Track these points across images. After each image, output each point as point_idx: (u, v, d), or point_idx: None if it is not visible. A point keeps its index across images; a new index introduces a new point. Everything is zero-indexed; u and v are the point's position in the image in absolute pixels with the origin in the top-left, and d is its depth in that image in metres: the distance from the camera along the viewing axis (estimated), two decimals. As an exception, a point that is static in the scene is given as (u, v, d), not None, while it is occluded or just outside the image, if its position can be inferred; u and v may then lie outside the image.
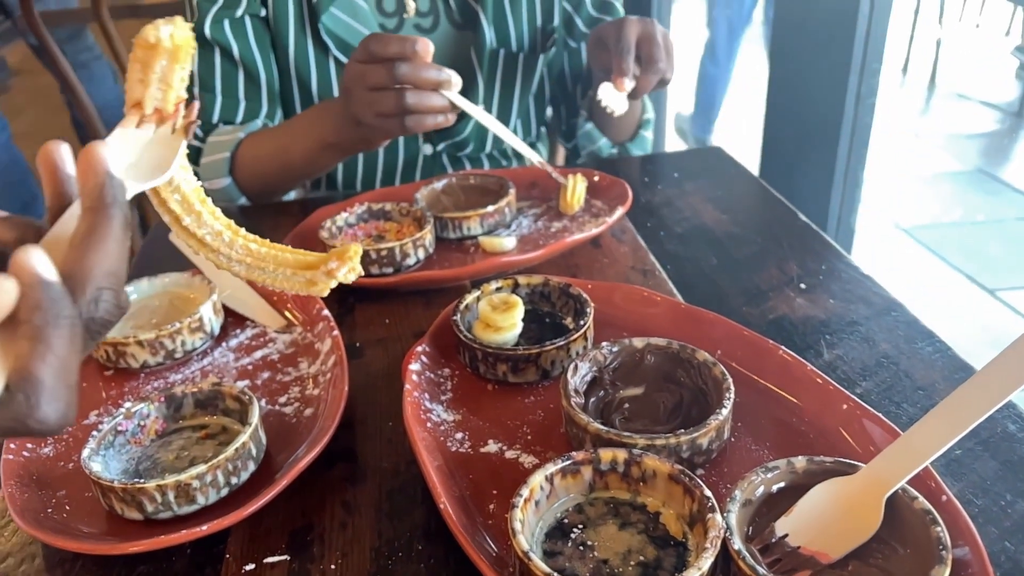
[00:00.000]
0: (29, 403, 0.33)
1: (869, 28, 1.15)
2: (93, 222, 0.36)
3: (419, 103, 0.82)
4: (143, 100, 0.44)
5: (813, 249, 0.88)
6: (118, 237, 0.37)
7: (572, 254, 0.88)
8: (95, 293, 0.36)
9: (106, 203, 0.37)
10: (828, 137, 1.24)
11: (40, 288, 0.33)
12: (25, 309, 0.34)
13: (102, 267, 0.36)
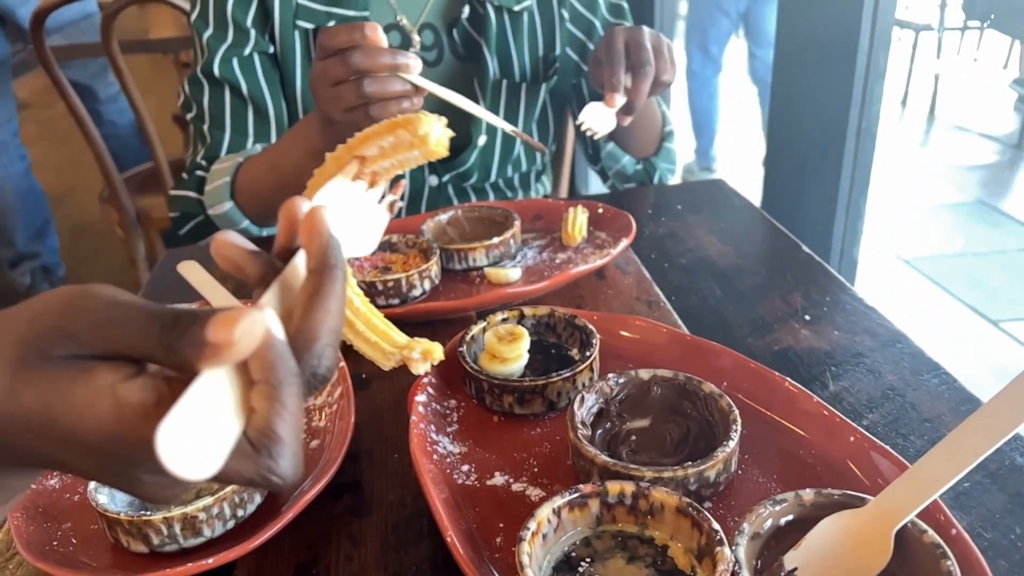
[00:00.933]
0: (272, 458, 0.35)
1: (869, 61, 1.17)
2: (319, 283, 0.38)
3: (378, 91, 0.80)
4: (368, 160, 0.47)
5: (817, 281, 0.89)
6: (339, 296, 0.39)
7: (577, 285, 0.89)
8: (320, 350, 0.37)
9: (330, 264, 0.39)
10: (830, 169, 1.25)
11: (272, 348, 0.35)
12: (259, 368, 0.35)
13: (326, 326, 0.38)
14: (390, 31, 1.10)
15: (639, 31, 0.94)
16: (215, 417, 0.33)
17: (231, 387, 0.35)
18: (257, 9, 1.06)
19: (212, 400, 0.33)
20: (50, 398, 0.33)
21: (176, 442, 0.31)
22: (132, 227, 2.03)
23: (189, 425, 0.32)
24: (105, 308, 0.34)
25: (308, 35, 1.07)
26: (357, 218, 0.47)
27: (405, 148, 0.47)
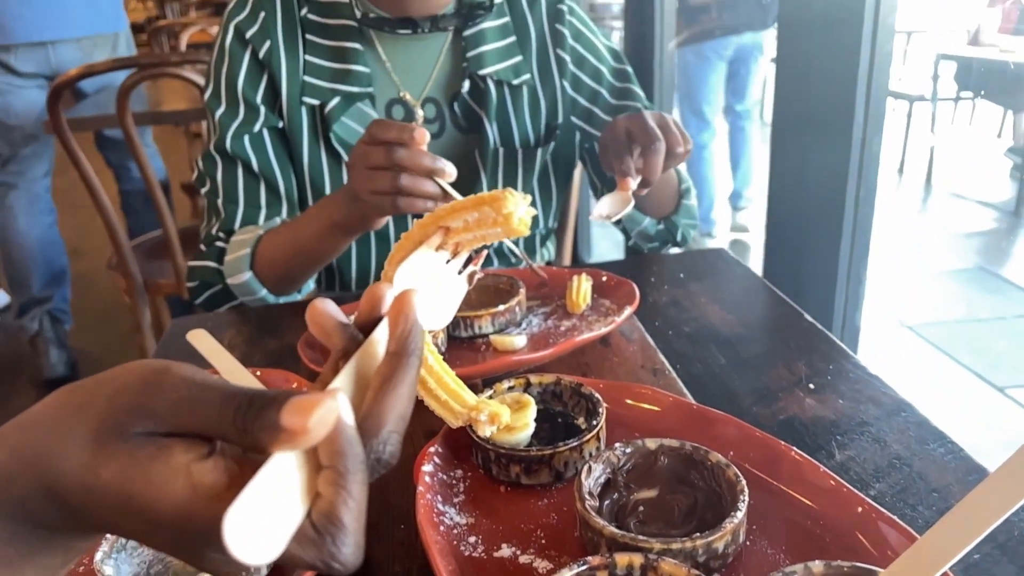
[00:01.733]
0: (335, 544, 0.35)
1: (865, 131, 1.20)
2: (395, 367, 0.39)
3: (411, 186, 0.87)
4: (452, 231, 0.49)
5: (820, 349, 0.89)
6: (412, 382, 0.40)
7: (582, 353, 0.90)
8: (386, 436, 0.38)
9: (409, 350, 0.40)
10: (830, 236, 1.27)
11: (342, 435, 0.35)
12: (328, 454, 0.35)
13: (396, 412, 0.38)
14: (394, 105, 1.14)
15: (640, 115, 0.97)
16: (281, 501, 0.34)
17: (299, 470, 0.35)
18: (266, 86, 1.10)
19: (280, 484, 0.34)
20: (129, 474, 0.34)
21: (242, 527, 0.32)
22: (139, 294, 2.05)
23: (256, 510, 0.32)
24: (183, 387, 0.35)
25: (314, 110, 1.10)
26: (438, 290, 0.49)
27: (489, 224, 0.48)
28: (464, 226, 0.49)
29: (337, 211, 0.98)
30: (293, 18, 1.10)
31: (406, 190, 0.87)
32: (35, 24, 2.48)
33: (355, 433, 0.36)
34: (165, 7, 8.66)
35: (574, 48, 1.19)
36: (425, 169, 0.87)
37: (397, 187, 0.87)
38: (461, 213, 0.49)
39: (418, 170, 0.87)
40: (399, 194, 0.88)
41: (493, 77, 1.13)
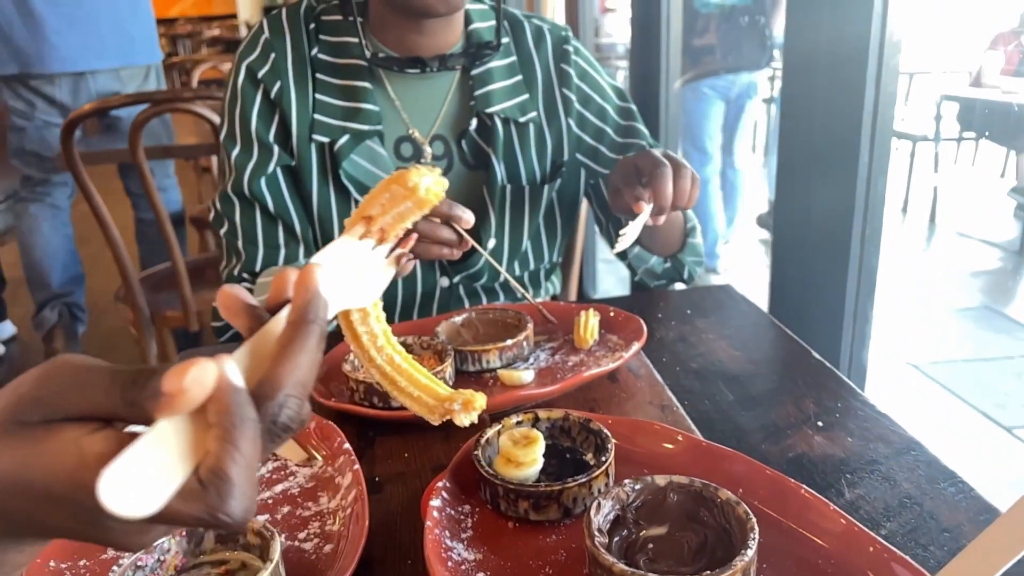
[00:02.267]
0: (219, 497, 0.37)
1: (870, 170, 1.21)
2: (293, 335, 0.41)
3: (427, 231, 0.88)
4: (374, 219, 0.50)
5: (828, 387, 0.89)
6: (311, 350, 0.41)
7: (590, 388, 0.90)
8: (282, 399, 0.39)
9: (308, 319, 0.41)
10: (836, 274, 1.27)
11: (228, 392, 0.37)
12: (214, 412, 0.37)
13: (292, 376, 0.40)
14: (402, 143, 1.15)
15: (648, 150, 0.98)
16: (164, 461, 0.36)
17: (187, 435, 0.37)
18: (278, 125, 1.12)
19: (165, 446, 0.36)
20: (24, 459, 0.37)
21: (120, 482, 0.34)
22: (146, 326, 2.06)
23: (136, 467, 0.34)
24: (73, 372, 0.38)
25: (324, 148, 1.11)
26: (358, 272, 0.50)
27: (400, 200, 0.50)
28: (382, 210, 0.50)
29: None
30: (303, 57, 1.12)
31: (422, 235, 0.89)
32: (72, 54, 2.63)
33: (244, 395, 0.38)
34: (177, 44, 8.82)
35: (580, 87, 1.21)
36: (442, 214, 0.89)
37: (415, 230, 0.88)
38: (376, 199, 0.50)
39: (435, 215, 0.88)
40: (417, 240, 0.90)
41: (500, 115, 1.15)
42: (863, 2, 1.11)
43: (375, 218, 0.50)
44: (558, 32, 1.22)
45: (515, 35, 1.20)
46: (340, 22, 1.13)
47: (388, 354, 0.53)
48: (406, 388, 0.53)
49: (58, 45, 2.62)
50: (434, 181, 0.49)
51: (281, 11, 1.15)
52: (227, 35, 8.62)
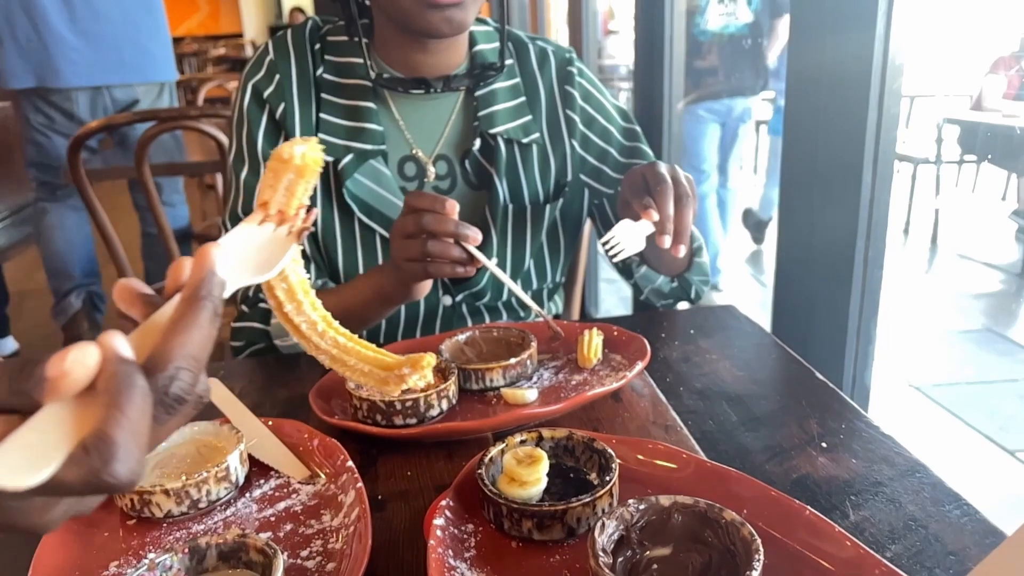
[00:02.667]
0: (102, 459, 0.37)
1: (873, 192, 1.21)
2: (184, 310, 0.42)
3: (438, 250, 0.92)
4: (269, 202, 0.51)
5: (832, 408, 0.89)
6: (203, 325, 0.42)
7: (593, 408, 0.89)
8: (173, 371, 0.41)
9: (200, 295, 0.43)
10: (839, 295, 1.28)
11: (115, 362, 0.39)
12: (102, 383, 0.39)
13: (183, 349, 0.41)
14: (406, 162, 1.16)
15: (654, 163, 0.99)
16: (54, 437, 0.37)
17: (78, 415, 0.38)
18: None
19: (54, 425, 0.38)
20: None
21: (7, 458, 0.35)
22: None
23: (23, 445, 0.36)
24: None
25: (328, 167, 1.12)
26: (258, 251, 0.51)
27: (283, 173, 0.51)
28: (270, 189, 0.51)
29: (383, 281, 1.03)
30: (308, 78, 1.13)
31: (434, 254, 0.92)
32: (89, 69, 2.76)
33: (133, 365, 0.39)
34: (184, 63, 8.90)
35: (583, 108, 1.22)
36: (450, 233, 0.92)
37: (426, 252, 0.92)
38: (264, 182, 0.52)
39: (444, 234, 0.92)
40: (428, 259, 0.93)
41: (503, 136, 1.16)
42: (865, 26, 1.12)
43: (269, 201, 0.51)
44: (562, 54, 1.23)
45: (519, 56, 1.21)
46: (345, 43, 1.14)
47: (332, 337, 0.54)
48: (356, 366, 0.54)
49: (76, 60, 2.73)
50: (308, 147, 0.50)
51: (286, 32, 1.16)
52: (232, 54, 8.69)
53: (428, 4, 1.00)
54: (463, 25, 1.04)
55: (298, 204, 0.52)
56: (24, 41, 2.69)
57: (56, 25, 2.69)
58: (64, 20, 2.69)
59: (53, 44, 2.70)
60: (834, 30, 1.18)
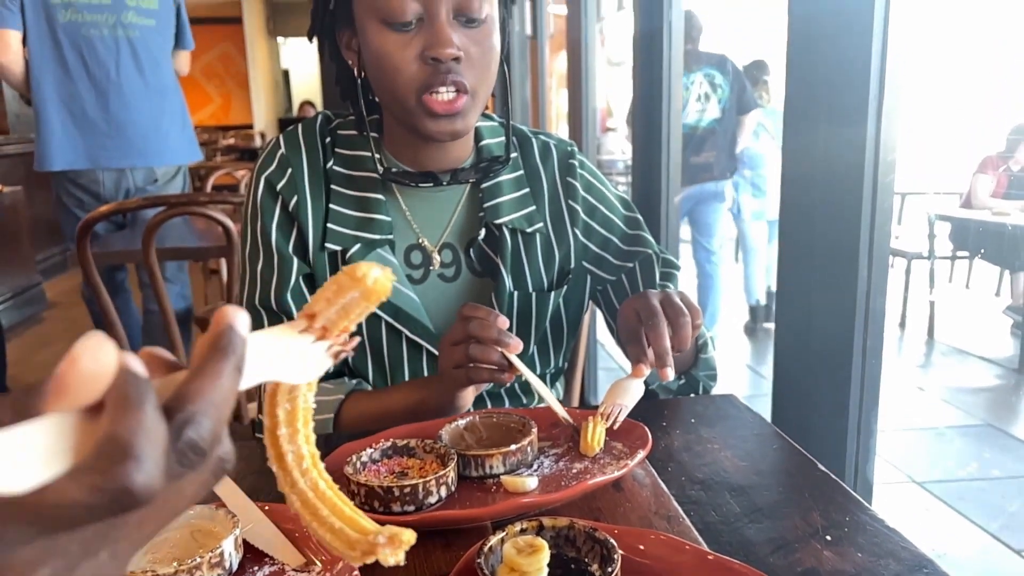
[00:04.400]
0: (112, 459, 0.32)
1: (869, 285, 1.23)
2: (205, 357, 0.39)
3: (479, 355, 0.95)
4: (318, 314, 0.48)
5: (835, 500, 0.88)
6: (224, 375, 0.39)
7: (594, 497, 0.88)
8: (190, 414, 0.36)
9: (221, 345, 0.39)
10: (839, 387, 1.28)
11: (127, 374, 0.35)
12: (112, 393, 0.34)
13: (203, 393, 0.37)
14: (412, 251, 1.18)
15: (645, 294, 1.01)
16: (51, 448, 0.32)
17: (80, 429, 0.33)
18: (296, 237, 1.14)
19: (52, 434, 0.32)
20: None
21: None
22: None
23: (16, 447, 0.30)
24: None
25: (336, 256, 1.14)
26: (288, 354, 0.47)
27: (346, 291, 0.47)
28: (326, 303, 0.48)
29: (427, 393, 1.06)
30: (319, 170, 1.16)
31: (475, 359, 0.95)
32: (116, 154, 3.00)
33: (148, 384, 0.35)
34: (192, 151, 9.07)
35: (585, 199, 1.25)
36: (492, 339, 0.94)
37: (468, 357, 0.95)
38: (323, 293, 0.48)
39: (487, 340, 0.94)
40: (470, 363, 0.96)
41: (508, 225, 1.18)
42: (857, 123, 1.16)
43: (318, 314, 0.48)
44: (564, 147, 1.27)
45: (523, 150, 1.25)
46: (355, 136, 1.18)
47: (313, 478, 0.49)
48: (327, 519, 0.49)
49: (107, 146, 2.98)
50: (383, 273, 0.48)
51: (298, 127, 1.20)
52: (242, 144, 8.92)
53: (429, 113, 1.04)
54: (464, 131, 1.08)
55: (346, 325, 0.49)
56: (61, 128, 2.92)
57: (92, 114, 2.94)
58: (100, 110, 2.95)
59: (88, 131, 2.95)
60: (827, 123, 1.22)
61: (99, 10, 2.92)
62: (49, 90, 2.91)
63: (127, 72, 3.00)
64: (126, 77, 3.00)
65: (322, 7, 1.11)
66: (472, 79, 1.05)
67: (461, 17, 1.03)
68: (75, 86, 2.93)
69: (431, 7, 1.02)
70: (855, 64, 1.17)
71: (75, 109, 2.93)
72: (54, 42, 2.88)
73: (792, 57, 1.30)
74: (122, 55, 2.98)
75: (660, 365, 0.97)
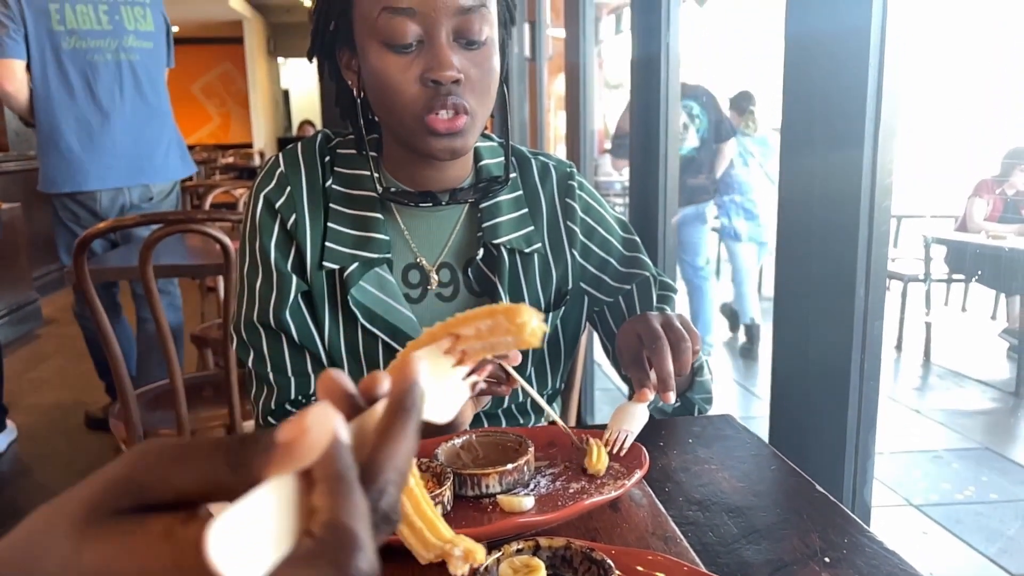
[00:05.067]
0: (343, 550, 0.33)
1: (867, 305, 1.23)
2: (390, 420, 0.39)
3: None
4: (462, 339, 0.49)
5: (834, 521, 0.88)
6: (408, 437, 0.39)
7: (591, 517, 0.88)
8: (383, 484, 0.37)
9: (405, 406, 0.40)
10: (836, 409, 1.28)
11: (338, 447, 0.35)
12: (323, 467, 0.34)
13: (392, 462, 0.38)
14: (410, 270, 1.18)
15: (645, 316, 1.01)
16: (272, 523, 0.32)
17: (291, 500, 0.34)
18: (294, 255, 1.14)
19: (271, 506, 0.33)
20: (109, 553, 0.32)
21: (227, 541, 0.30)
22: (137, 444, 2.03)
23: (242, 527, 0.31)
24: (170, 448, 0.34)
25: (334, 275, 1.14)
26: (439, 386, 0.48)
27: (501, 333, 0.48)
28: (475, 334, 0.49)
29: None
30: (318, 189, 1.16)
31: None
32: (116, 173, 3.12)
33: (352, 455, 0.36)
34: (191, 169, 9.09)
35: (584, 220, 1.25)
36: None
37: None
38: (473, 321, 0.49)
39: None
40: None
41: (506, 246, 1.18)
42: (854, 148, 1.17)
43: (464, 338, 0.49)
44: (563, 168, 1.28)
45: (522, 170, 1.26)
46: (354, 155, 1.18)
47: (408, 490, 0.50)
48: (410, 515, 0.49)
49: (111, 165, 3.10)
50: (539, 325, 0.48)
51: (297, 145, 1.20)
52: (241, 163, 8.95)
53: (430, 132, 1.04)
54: (464, 151, 1.08)
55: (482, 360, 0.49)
56: (66, 152, 3.04)
57: (99, 137, 3.07)
58: (106, 132, 3.08)
59: (95, 154, 3.07)
60: (824, 150, 1.23)
61: (101, 36, 3.05)
62: (58, 116, 3.02)
63: (130, 94, 3.13)
64: (129, 99, 3.13)
65: (323, 28, 1.12)
66: (472, 101, 1.05)
67: (461, 39, 1.04)
68: (82, 111, 3.04)
69: (432, 29, 1.02)
70: (851, 89, 1.18)
71: (82, 133, 3.04)
72: (60, 69, 3.01)
73: (789, 82, 1.31)
74: (124, 78, 3.11)
75: (663, 389, 0.97)
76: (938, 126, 4.79)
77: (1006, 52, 4.48)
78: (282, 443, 0.33)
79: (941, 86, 4.59)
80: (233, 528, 0.31)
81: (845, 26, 1.19)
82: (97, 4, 3.01)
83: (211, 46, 13.78)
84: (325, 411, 0.34)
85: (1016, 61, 4.46)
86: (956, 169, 5.05)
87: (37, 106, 3.02)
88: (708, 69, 6.95)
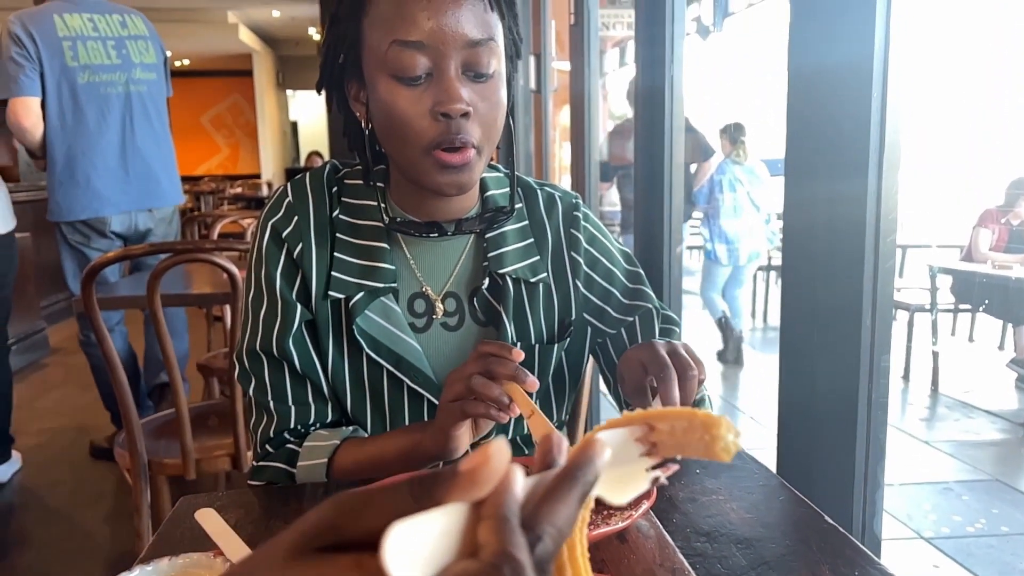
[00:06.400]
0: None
1: (873, 336, 1.23)
2: (559, 483, 0.41)
3: (479, 388, 0.93)
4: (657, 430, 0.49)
5: (843, 554, 0.87)
6: (572, 503, 0.40)
7: (598, 548, 0.87)
8: (541, 531, 0.39)
9: (575, 475, 0.41)
10: (844, 440, 1.27)
11: (511, 488, 0.38)
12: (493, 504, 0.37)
13: (553, 515, 0.39)
14: (416, 299, 1.18)
15: (651, 344, 1.00)
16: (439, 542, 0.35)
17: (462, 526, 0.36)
18: (300, 284, 1.15)
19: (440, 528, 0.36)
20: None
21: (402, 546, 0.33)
22: (142, 474, 2.02)
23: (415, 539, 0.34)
24: (361, 494, 0.38)
25: (339, 305, 1.14)
26: (620, 469, 0.48)
27: (695, 439, 0.48)
28: (670, 431, 0.48)
29: (421, 432, 1.04)
30: (325, 219, 1.16)
31: (474, 391, 0.93)
32: (127, 199, 3.28)
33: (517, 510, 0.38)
34: (200, 200, 9.22)
35: (588, 251, 1.26)
36: (508, 375, 0.93)
37: (469, 389, 0.93)
38: (672, 419, 0.49)
39: (500, 375, 0.93)
40: (469, 395, 0.94)
41: (512, 275, 1.19)
42: (858, 182, 1.18)
43: (658, 431, 0.49)
44: (568, 199, 1.29)
45: (528, 201, 1.26)
46: (361, 186, 1.19)
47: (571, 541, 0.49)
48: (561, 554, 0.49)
49: (125, 191, 3.27)
50: (734, 443, 0.48)
51: (305, 176, 1.21)
52: (249, 193, 9.02)
53: (441, 165, 1.05)
54: (469, 185, 1.09)
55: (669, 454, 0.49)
56: (82, 180, 3.17)
57: (114, 165, 3.23)
58: (120, 161, 3.24)
59: (111, 182, 3.22)
60: (828, 181, 1.24)
61: (112, 70, 3.21)
62: (74, 147, 3.15)
63: (140, 123, 3.29)
64: (140, 128, 3.29)
65: (332, 60, 1.13)
66: (479, 134, 1.06)
67: (470, 72, 1.05)
68: (98, 141, 3.19)
69: (441, 62, 1.04)
70: (855, 120, 1.19)
71: (99, 163, 3.19)
72: (75, 102, 3.15)
73: (792, 114, 1.32)
74: (135, 108, 3.27)
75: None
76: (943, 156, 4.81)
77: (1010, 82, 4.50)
78: (464, 471, 0.36)
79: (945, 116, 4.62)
80: (407, 537, 0.34)
81: (848, 57, 1.20)
82: (105, 40, 3.19)
83: (221, 78, 13.97)
84: (502, 444, 0.37)
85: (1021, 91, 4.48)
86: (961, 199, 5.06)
87: (52, 138, 3.13)
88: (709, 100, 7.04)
